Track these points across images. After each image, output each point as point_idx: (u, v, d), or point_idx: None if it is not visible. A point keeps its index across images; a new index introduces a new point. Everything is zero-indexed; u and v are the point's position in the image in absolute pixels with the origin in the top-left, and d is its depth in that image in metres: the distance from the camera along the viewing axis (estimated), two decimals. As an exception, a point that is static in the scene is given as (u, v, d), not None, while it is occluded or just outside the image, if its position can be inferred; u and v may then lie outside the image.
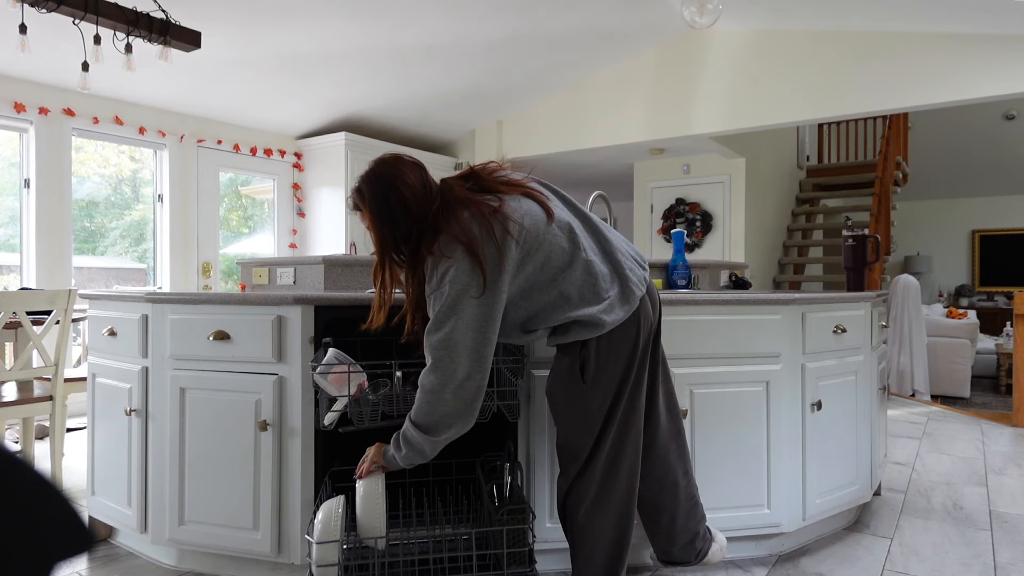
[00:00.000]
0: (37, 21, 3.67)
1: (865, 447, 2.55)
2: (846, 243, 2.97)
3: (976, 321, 6.71)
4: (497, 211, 1.59)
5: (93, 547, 2.39)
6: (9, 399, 2.74)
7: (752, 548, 2.31)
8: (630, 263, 1.75)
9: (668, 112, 5.51)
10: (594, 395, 1.69)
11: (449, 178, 1.71)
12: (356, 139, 5.88)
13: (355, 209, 1.71)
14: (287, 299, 1.99)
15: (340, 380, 1.73)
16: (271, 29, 4.26)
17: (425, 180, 1.66)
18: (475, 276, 1.55)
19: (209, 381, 2.07)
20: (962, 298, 9.99)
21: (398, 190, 1.62)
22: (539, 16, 4.61)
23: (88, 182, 4.94)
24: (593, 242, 1.73)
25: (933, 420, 4.58)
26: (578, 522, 1.75)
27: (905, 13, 4.27)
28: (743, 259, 6.57)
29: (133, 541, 2.35)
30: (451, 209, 1.60)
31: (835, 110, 4.84)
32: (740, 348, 2.21)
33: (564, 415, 1.75)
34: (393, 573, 1.90)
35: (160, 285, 5.29)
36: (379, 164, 1.68)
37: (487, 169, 1.73)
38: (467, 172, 1.73)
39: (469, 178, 1.71)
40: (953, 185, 9.96)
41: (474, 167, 1.74)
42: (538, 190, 1.73)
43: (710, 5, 3.23)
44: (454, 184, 1.68)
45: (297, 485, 2.00)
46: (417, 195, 1.63)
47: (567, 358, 1.72)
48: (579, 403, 1.71)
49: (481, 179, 1.70)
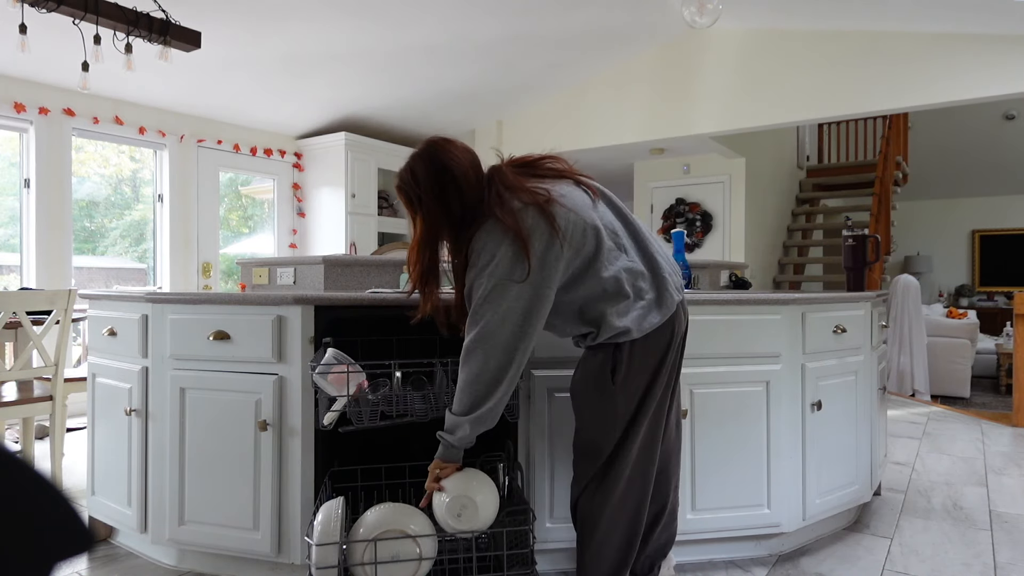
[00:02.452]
0: (37, 21, 3.67)
1: (865, 447, 2.55)
2: (846, 243, 2.96)
3: (976, 321, 6.71)
4: (550, 201, 1.54)
5: (93, 547, 2.38)
6: (9, 399, 2.74)
7: (752, 548, 2.31)
8: (668, 268, 1.74)
9: (668, 112, 5.51)
10: (622, 398, 1.67)
11: (498, 164, 1.66)
12: (356, 139, 5.88)
13: (403, 193, 1.62)
14: (287, 299, 1.99)
15: (339, 380, 1.73)
16: (271, 29, 4.26)
17: (476, 164, 1.62)
18: (518, 268, 1.51)
19: (209, 381, 2.07)
20: (962, 298, 9.99)
21: (452, 173, 1.57)
22: (539, 16, 4.60)
23: (88, 182, 4.94)
24: (633, 242, 1.71)
25: (933, 420, 4.58)
26: (590, 521, 1.73)
27: (905, 13, 4.27)
28: (743, 259, 6.57)
29: (133, 541, 2.35)
30: (501, 197, 1.55)
31: (835, 110, 4.84)
32: (740, 348, 2.21)
33: (588, 415, 1.73)
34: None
35: (160, 285, 5.29)
36: (431, 146, 1.61)
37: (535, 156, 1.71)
38: (516, 159, 1.70)
39: (518, 164, 1.68)
40: (953, 185, 9.96)
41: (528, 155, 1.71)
42: (587, 179, 1.71)
43: (710, 5, 3.23)
44: (505, 170, 1.62)
45: (297, 485, 2.00)
46: (470, 181, 1.59)
47: (599, 357, 1.68)
48: (606, 404, 1.68)
49: (530, 165, 1.67)
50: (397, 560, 1.64)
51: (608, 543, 1.73)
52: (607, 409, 1.68)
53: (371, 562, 1.63)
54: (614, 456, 1.70)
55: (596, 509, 1.72)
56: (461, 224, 1.61)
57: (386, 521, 1.67)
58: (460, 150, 1.61)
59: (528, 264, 1.51)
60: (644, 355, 1.66)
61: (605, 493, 1.71)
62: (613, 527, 1.72)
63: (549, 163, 1.70)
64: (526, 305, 1.53)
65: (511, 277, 1.51)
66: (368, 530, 1.66)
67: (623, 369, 1.66)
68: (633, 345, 1.65)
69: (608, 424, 1.69)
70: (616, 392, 1.67)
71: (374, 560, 1.63)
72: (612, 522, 1.72)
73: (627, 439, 1.70)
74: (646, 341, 1.65)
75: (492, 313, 1.53)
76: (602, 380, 1.68)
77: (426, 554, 1.66)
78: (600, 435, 1.71)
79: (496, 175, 1.61)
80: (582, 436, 1.76)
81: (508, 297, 1.52)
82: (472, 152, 1.64)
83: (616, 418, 1.68)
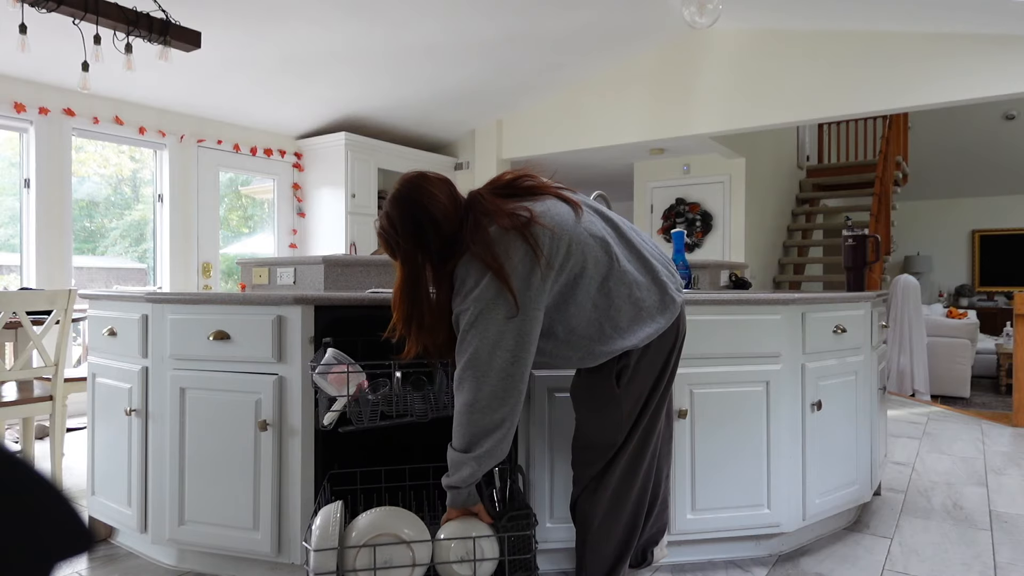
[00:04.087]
0: (37, 21, 3.67)
1: (865, 447, 2.55)
2: (846, 243, 2.96)
3: (976, 321, 6.70)
4: (531, 222, 1.52)
5: (93, 547, 2.38)
6: (9, 399, 2.74)
7: (752, 548, 2.31)
8: (666, 271, 1.72)
9: (668, 112, 5.51)
10: (626, 400, 1.67)
11: (478, 189, 1.65)
12: (356, 139, 5.88)
13: (382, 239, 1.62)
14: (287, 299, 1.99)
15: (339, 380, 1.73)
16: (271, 29, 4.26)
17: (454, 195, 1.60)
18: (502, 294, 1.49)
19: (209, 381, 2.07)
20: (962, 298, 9.98)
21: (428, 212, 1.55)
22: (539, 16, 4.60)
23: (88, 182, 4.94)
24: (626, 249, 1.67)
25: (933, 420, 4.58)
26: (590, 520, 1.74)
27: (905, 13, 4.27)
28: (743, 259, 6.57)
29: (133, 541, 2.35)
30: (478, 224, 1.54)
31: (835, 110, 4.84)
32: (740, 348, 2.21)
33: (591, 417, 1.72)
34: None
35: (160, 285, 5.29)
36: (404, 185, 1.60)
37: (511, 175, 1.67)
38: (496, 180, 1.67)
39: (498, 185, 1.65)
40: (953, 185, 9.96)
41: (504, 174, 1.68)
42: (567, 192, 1.69)
43: (710, 5, 3.22)
44: (483, 194, 1.62)
45: (297, 485, 2.00)
46: (448, 213, 1.57)
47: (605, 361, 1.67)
48: (611, 407, 1.68)
49: (508, 185, 1.64)
50: (390, 566, 1.59)
51: (607, 541, 1.74)
52: (611, 413, 1.68)
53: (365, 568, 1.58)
54: (615, 457, 1.71)
55: (596, 508, 1.73)
56: (441, 257, 1.59)
57: (378, 525, 1.63)
58: (433, 183, 1.60)
59: (512, 295, 1.49)
60: (650, 360, 1.67)
61: (604, 492, 1.72)
62: (612, 525, 1.73)
63: (527, 181, 1.65)
64: (516, 328, 1.51)
65: (494, 305, 1.50)
66: (360, 534, 1.61)
67: (629, 374, 1.65)
68: (640, 351, 1.65)
69: (611, 427, 1.69)
70: (622, 397, 1.67)
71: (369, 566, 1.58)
72: (611, 520, 1.73)
73: (628, 440, 1.70)
74: (651, 347, 1.66)
75: (480, 339, 1.51)
76: (607, 383, 1.66)
77: (420, 560, 1.62)
78: (602, 437, 1.71)
79: (474, 202, 1.59)
80: (583, 437, 1.76)
81: (496, 321, 1.50)
82: (448, 182, 1.63)
83: (620, 421, 1.68)
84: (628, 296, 1.60)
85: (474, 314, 1.51)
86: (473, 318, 1.51)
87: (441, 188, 1.60)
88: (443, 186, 1.61)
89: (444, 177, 1.64)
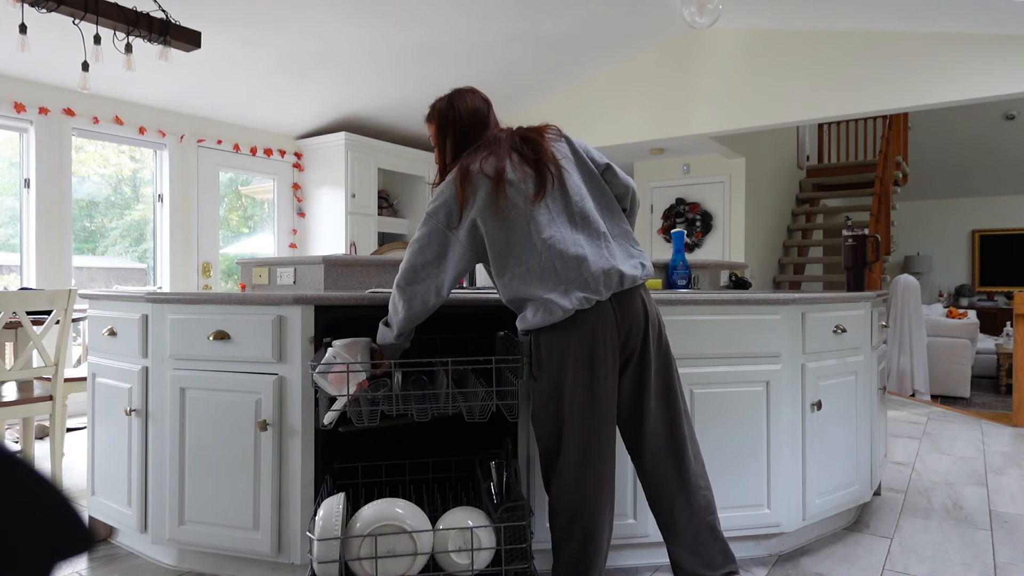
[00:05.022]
0: (37, 21, 3.67)
1: (865, 447, 2.55)
2: (846, 243, 2.97)
3: (976, 321, 6.70)
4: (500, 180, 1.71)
5: (93, 547, 2.39)
6: (9, 399, 2.74)
7: (752, 548, 2.31)
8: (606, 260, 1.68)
9: (668, 112, 5.51)
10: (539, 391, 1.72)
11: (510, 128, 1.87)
12: (356, 139, 5.88)
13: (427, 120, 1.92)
14: (287, 299, 1.99)
15: (339, 380, 1.73)
16: (271, 29, 4.26)
17: (477, 108, 1.85)
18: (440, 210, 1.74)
19: (209, 381, 2.07)
20: (962, 298, 9.99)
21: (454, 105, 1.86)
22: (539, 16, 4.61)
23: (88, 182, 4.94)
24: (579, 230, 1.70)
25: (933, 420, 4.58)
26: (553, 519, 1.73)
27: (905, 13, 4.27)
28: (743, 259, 6.57)
29: (133, 541, 2.35)
30: (473, 150, 1.78)
31: (835, 110, 4.84)
32: (740, 348, 2.21)
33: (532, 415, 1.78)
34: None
35: (160, 285, 5.29)
36: (455, 91, 1.90)
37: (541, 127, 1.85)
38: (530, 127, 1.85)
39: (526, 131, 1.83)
40: (953, 185, 9.96)
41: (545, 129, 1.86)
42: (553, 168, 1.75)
43: (710, 5, 3.23)
44: (504, 135, 1.83)
45: (297, 485, 2.00)
46: (465, 116, 1.84)
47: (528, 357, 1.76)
48: (534, 400, 1.75)
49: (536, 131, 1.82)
50: (393, 555, 1.66)
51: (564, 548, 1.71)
52: (535, 405, 1.75)
53: (368, 556, 1.65)
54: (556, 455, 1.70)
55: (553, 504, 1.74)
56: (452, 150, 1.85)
57: (382, 516, 1.69)
58: (471, 93, 1.89)
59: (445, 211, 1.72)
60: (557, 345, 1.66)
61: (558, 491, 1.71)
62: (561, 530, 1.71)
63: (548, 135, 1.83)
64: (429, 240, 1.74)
65: (433, 215, 1.74)
66: (364, 525, 1.68)
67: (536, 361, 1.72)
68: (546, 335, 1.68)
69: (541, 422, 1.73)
70: (535, 386, 1.74)
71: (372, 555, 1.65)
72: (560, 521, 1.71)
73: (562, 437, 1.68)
74: (553, 331, 1.67)
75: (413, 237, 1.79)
76: (530, 376, 1.78)
77: (422, 549, 1.69)
78: (539, 433, 1.75)
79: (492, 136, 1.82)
80: None
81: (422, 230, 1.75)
82: (486, 101, 1.89)
83: (541, 410, 1.72)
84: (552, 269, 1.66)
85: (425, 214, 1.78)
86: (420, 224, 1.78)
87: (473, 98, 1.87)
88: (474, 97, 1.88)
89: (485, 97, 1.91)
